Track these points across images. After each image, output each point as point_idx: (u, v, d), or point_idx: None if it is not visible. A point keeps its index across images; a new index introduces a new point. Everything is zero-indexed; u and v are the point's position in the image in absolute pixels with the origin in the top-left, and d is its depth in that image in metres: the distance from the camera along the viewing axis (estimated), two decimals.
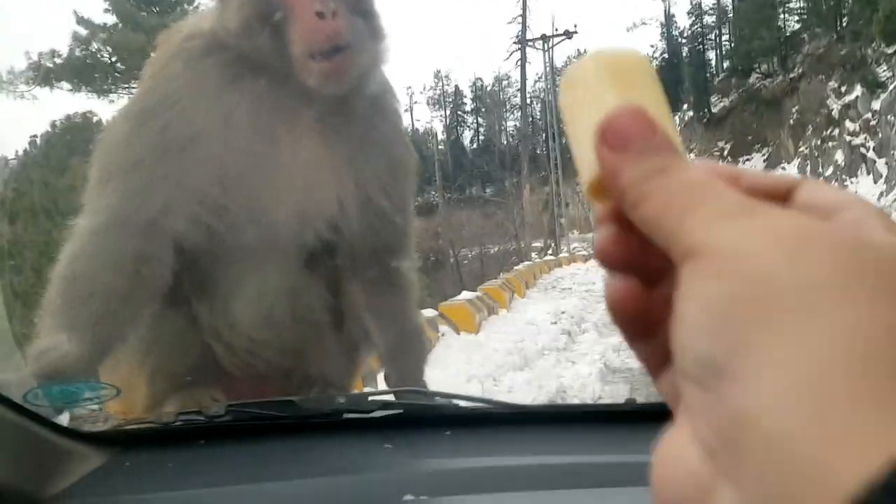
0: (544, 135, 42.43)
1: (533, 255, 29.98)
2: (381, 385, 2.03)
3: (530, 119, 49.97)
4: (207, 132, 1.56)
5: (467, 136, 64.99)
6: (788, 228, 0.34)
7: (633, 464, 1.08)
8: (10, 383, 1.29)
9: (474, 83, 66.08)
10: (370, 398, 1.28)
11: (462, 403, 1.32)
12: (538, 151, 47.76)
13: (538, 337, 9.44)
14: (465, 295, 11.86)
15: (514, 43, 39.42)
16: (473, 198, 45.29)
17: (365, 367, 2.04)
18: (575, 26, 34.93)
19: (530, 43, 37.68)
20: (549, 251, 31.40)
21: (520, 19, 38.87)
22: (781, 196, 0.39)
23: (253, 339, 1.68)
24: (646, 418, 1.29)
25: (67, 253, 1.56)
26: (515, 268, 19.42)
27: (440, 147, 56.57)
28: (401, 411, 1.26)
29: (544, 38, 35.17)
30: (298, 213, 1.64)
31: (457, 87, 66.07)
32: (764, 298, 0.32)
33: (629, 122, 0.39)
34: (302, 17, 1.50)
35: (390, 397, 1.40)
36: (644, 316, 0.40)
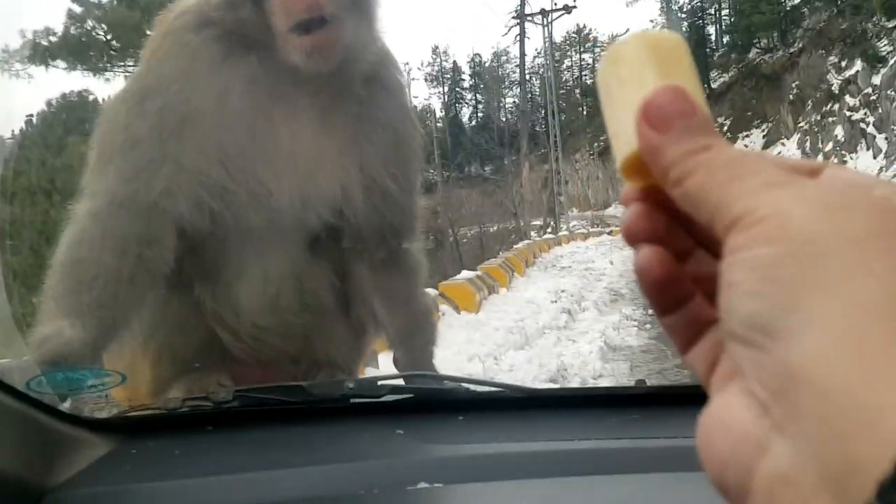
0: (544, 112, 42.22)
1: (532, 233, 29.98)
2: (386, 368, 2.01)
3: (529, 96, 49.71)
4: (203, 111, 1.52)
5: (466, 113, 64.65)
6: (829, 194, 0.35)
7: (648, 448, 1.06)
8: (13, 370, 1.27)
9: (473, 59, 65.64)
10: (380, 382, 1.25)
11: (473, 387, 1.30)
12: (537, 129, 47.59)
13: (538, 315, 9.46)
14: (465, 274, 11.88)
15: (513, 18, 39.13)
16: (472, 176, 45.17)
17: (370, 349, 2.02)
18: (574, 1, 34.55)
19: (529, 17, 37.35)
20: (549, 229, 31.39)
21: None
22: (807, 175, 0.39)
23: (258, 324, 1.65)
24: (658, 401, 1.27)
25: (68, 237, 1.52)
26: (515, 246, 19.43)
27: (439, 124, 56.28)
28: (411, 396, 1.24)
29: (543, 12, 34.86)
30: (301, 197, 1.61)
31: (455, 63, 65.63)
32: (810, 258, 0.33)
33: (672, 100, 0.40)
34: None
35: (400, 381, 1.38)
36: (673, 284, 0.41)
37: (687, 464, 0.42)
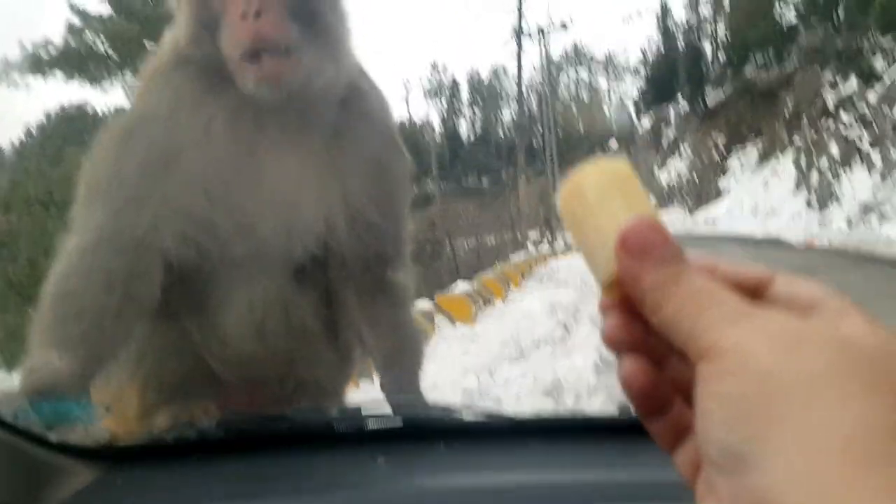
0: (541, 126, 42.36)
1: (529, 245, 30.01)
2: (373, 393, 2.01)
3: (527, 110, 49.87)
4: (187, 147, 1.54)
5: (464, 127, 64.82)
6: (783, 330, 0.40)
7: (644, 483, 1.05)
8: (0, 400, 1.28)
9: (471, 74, 65.90)
10: (364, 410, 1.26)
11: (462, 416, 1.30)
12: (534, 143, 47.73)
13: (534, 328, 9.44)
14: (462, 286, 11.88)
15: (511, 35, 39.35)
16: (470, 188, 45.28)
17: (357, 372, 2.02)
18: (571, 18, 34.76)
19: (526, 34, 37.58)
20: (546, 242, 31.43)
21: (516, 10, 38.76)
22: (753, 287, 0.46)
23: (244, 351, 1.65)
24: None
25: (57, 271, 1.54)
26: (511, 258, 19.44)
27: (437, 138, 56.43)
28: (395, 424, 1.25)
29: (540, 30, 35.06)
30: (285, 229, 1.61)
31: (454, 78, 65.91)
32: (771, 393, 0.38)
33: (648, 233, 0.45)
34: (229, 19, 1.47)
35: (385, 408, 1.38)
36: (655, 393, 0.46)
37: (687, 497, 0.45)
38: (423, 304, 10.47)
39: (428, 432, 1.26)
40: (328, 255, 1.70)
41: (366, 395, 2.04)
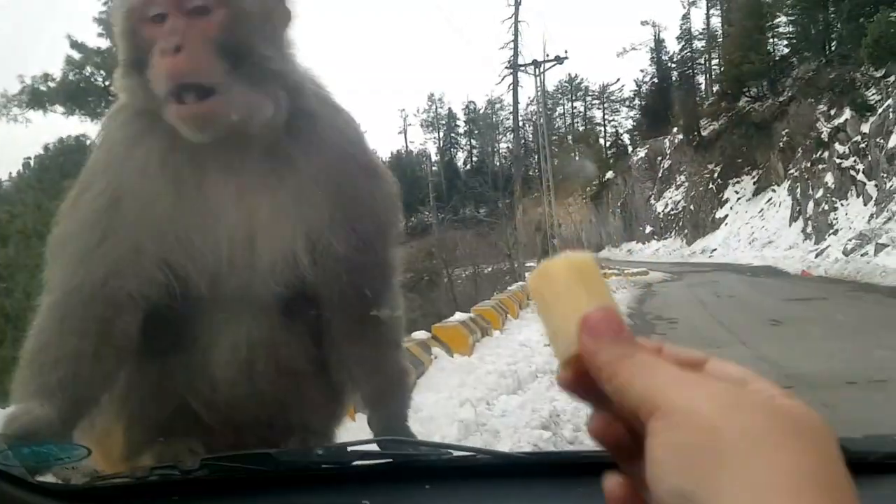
0: (536, 157, 42.61)
1: (526, 275, 29.98)
2: (359, 431, 1.99)
3: (523, 141, 50.20)
4: (130, 193, 1.54)
5: (461, 157, 65.18)
6: (720, 392, 0.49)
7: None
8: None
9: (467, 106, 66.48)
10: (350, 448, 1.25)
11: (447, 453, 1.29)
12: (531, 173, 47.96)
13: (532, 359, 9.36)
14: (459, 316, 11.80)
15: (507, 68, 39.71)
16: (467, 218, 45.32)
17: (346, 411, 1.99)
18: (566, 52, 35.09)
19: (522, 68, 37.94)
20: None
21: (512, 45, 39.19)
22: (692, 366, 0.54)
23: (231, 392, 1.64)
24: None
25: (34, 327, 1.57)
26: (509, 288, 19.39)
27: (434, 168, 56.69)
28: (381, 463, 1.23)
29: (535, 63, 35.37)
30: (246, 267, 1.58)
31: (450, 109, 66.42)
32: (716, 444, 0.46)
33: (605, 318, 0.55)
34: (153, 57, 1.44)
35: (372, 447, 1.37)
36: (622, 445, 0.54)
37: None
38: (419, 335, 10.43)
39: (415, 471, 1.24)
40: (307, 293, 1.66)
41: (357, 429, 2.00)
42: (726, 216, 40.40)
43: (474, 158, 64.42)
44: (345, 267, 1.64)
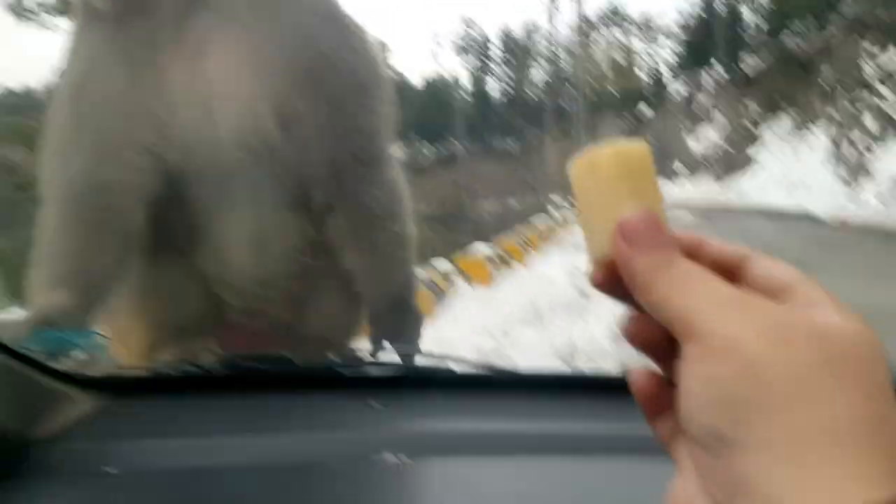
0: (571, 88, 41.73)
1: (552, 209, 29.85)
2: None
3: (557, 71, 49.07)
4: (92, 84, 1.56)
5: (493, 86, 64.00)
6: (770, 319, 0.44)
7: (633, 436, 1.06)
8: (5, 328, 1.31)
9: (503, 31, 64.79)
10: (364, 356, 1.27)
11: (460, 368, 1.31)
12: (564, 104, 47.09)
13: (553, 293, 9.43)
14: (480, 248, 11.86)
15: None
16: (497, 150, 44.87)
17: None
18: None
19: None
20: (569, 206, 31.22)
21: None
22: (734, 265, 0.50)
23: (247, 287, 1.66)
24: None
25: (40, 227, 1.61)
26: (534, 222, 19.34)
27: (465, 96, 55.87)
28: (394, 372, 1.26)
29: None
30: (211, 134, 1.55)
31: (485, 35, 64.82)
32: (758, 382, 0.42)
33: (645, 221, 0.49)
34: None
35: (388, 356, 1.39)
36: (660, 399, 0.50)
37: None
38: (441, 265, 10.50)
39: (425, 381, 1.27)
40: (290, 168, 1.61)
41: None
42: (761, 157, 39.58)
43: (507, 88, 63.28)
44: (318, 132, 1.58)
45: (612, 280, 0.51)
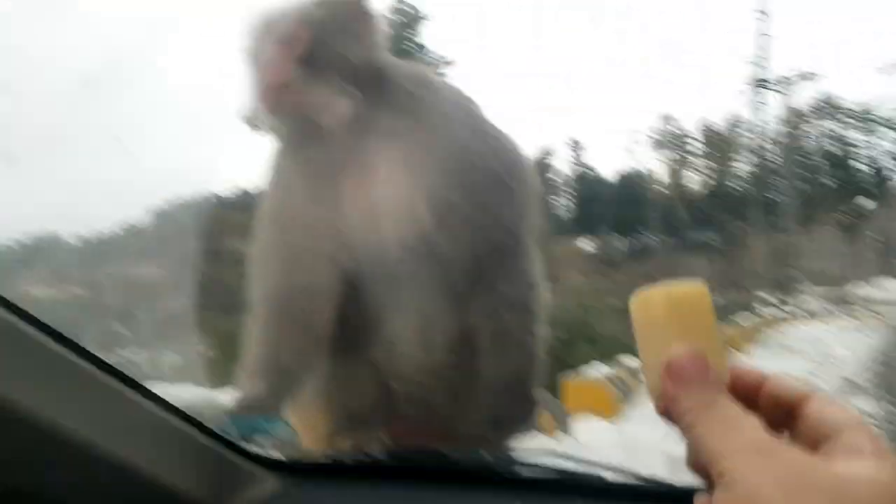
0: (779, 179, 39.53)
1: (760, 307, 27.89)
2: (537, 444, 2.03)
3: (764, 163, 46.80)
4: (285, 198, 1.86)
5: (692, 178, 62.19)
6: (791, 472, 0.47)
7: None
8: (203, 409, 1.53)
9: (702, 125, 63.26)
10: (517, 458, 1.32)
11: (612, 476, 1.31)
12: (771, 197, 44.59)
13: None
14: None
15: (749, 84, 37.39)
16: (695, 243, 43.14)
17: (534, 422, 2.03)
18: (817, 67, 32.26)
19: (766, 85, 35.48)
20: (779, 305, 29.01)
21: (756, 60, 36.83)
22: (794, 405, 0.53)
23: (411, 375, 1.82)
24: None
25: (249, 323, 1.87)
26: (737, 321, 18.19)
27: (661, 190, 54.75)
28: (544, 476, 1.29)
29: (783, 78, 32.93)
30: (381, 236, 1.78)
31: (683, 128, 63.70)
32: None
33: (690, 363, 0.53)
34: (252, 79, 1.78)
35: (538, 458, 1.43)
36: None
37: None
38: (630, 361, 10.15)
39: (575, 487, 1.28)
40: (445, 262, 1.79)
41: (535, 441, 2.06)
42: None
43: (707, 180, 61.18)
44: (465, 226, 1.78)
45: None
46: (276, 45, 1.76)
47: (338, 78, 1.77)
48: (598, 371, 9.71)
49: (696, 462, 0.54)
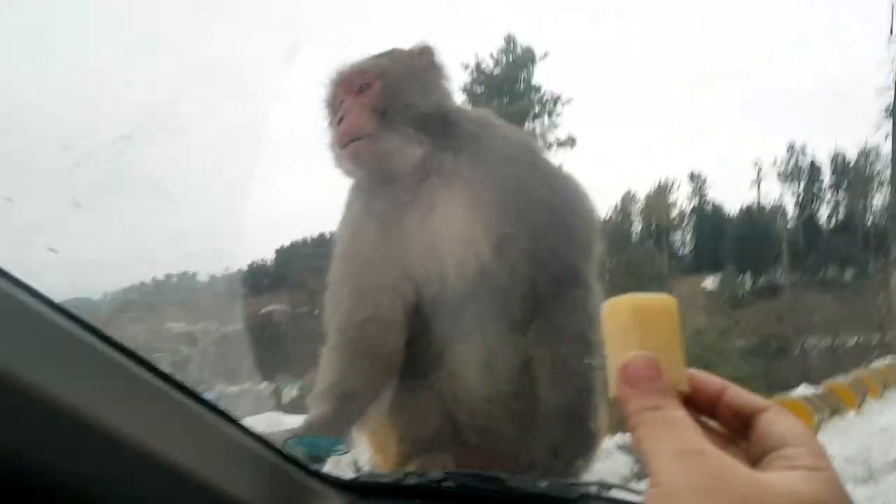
0: None
1: None
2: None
3: None
4: (358, 240, 1.99)
5: (823, 212, 58.72)
6: (711, 474, 0.52)
7: None
8: (276, 432, 1.64)
9: (834, 157, 59.81)
10: (573, 484, 1.33)
11: None
12: None
13: (891, 447, 8.10)
14: (803, 390, 10.72)
15: (884, 114, 35.16)
16: (827, 281, 40.52)
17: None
18: None
19: None
20: None
21: (890, 90, 34.65)
22: (749, 416, 0.58)
23: (475, 403, 1.86)
24: None
25: (324, 352, 2.02)
26: (873, 364, 16.90)
27: (789, 225, 51.98)
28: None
29: None
30: (449, 267, 1.88)
31: (812, 161, 60.47)
32: None
33: (642, 368, 0.58)
34: (330, 129, 1.95)
35: (595, 487, 1.43)
36: None
37: None
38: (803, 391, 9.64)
39: None
40: (507, 298, 1.87)
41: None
42: None
43: (839, 215, 57.59)
44: (524, 258, 1.87)
45: None
46: (352, 96, 1.88)
47: (409, 126, 1.90)
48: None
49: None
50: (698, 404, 0.60)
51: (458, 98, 2.30)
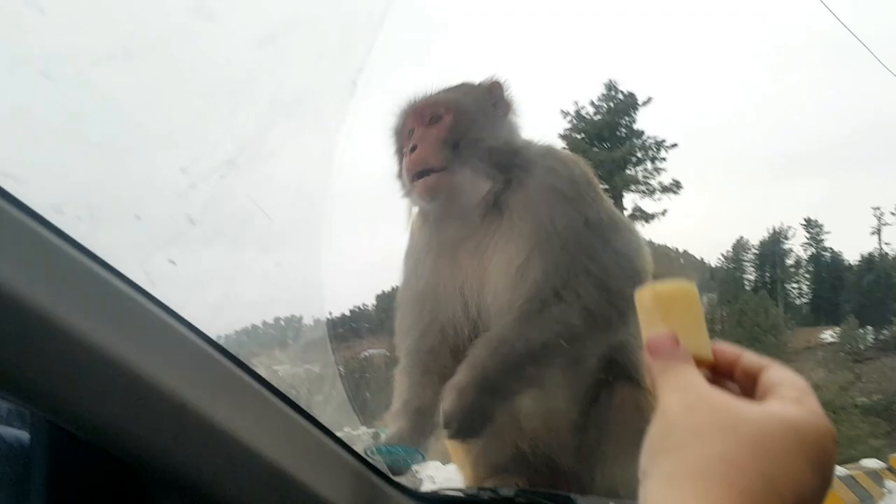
0: None
1: None
2: None
3: None
4: (418, 270, 2.09)
5: None
6: (690, 395, 0.63)
7: None
8: (357, 440, 1.75)
9: None
10: None
11: None
12: None
13: None
14: None
15: None
16: None
17: None
18: None
19: None
20: None
21: None
22: (756, 374, 0.67)
23: (537, 433, 1.91)
24: None
25: (397, 372, 2.12)
26: None
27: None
28: None
29: None
30: (498, 301, 1.94)
31: None
32: (669, 434, 0.62)
33: (663, 340, 0.69)
34: (401, 159, 2.00)
35: None
36: None
37: None
38: (871, 463, 9.04)
39: None
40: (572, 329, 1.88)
41: None
42: None
43: None
44: (572, 293, 1.88)
45: None
46: (422, 127, 1.97)
47: (479, 161, 1.96)
48: (835, 472, 8.75)
49: None
50: (721, 371, 0.71)
51: (558, 145, 2.37)
